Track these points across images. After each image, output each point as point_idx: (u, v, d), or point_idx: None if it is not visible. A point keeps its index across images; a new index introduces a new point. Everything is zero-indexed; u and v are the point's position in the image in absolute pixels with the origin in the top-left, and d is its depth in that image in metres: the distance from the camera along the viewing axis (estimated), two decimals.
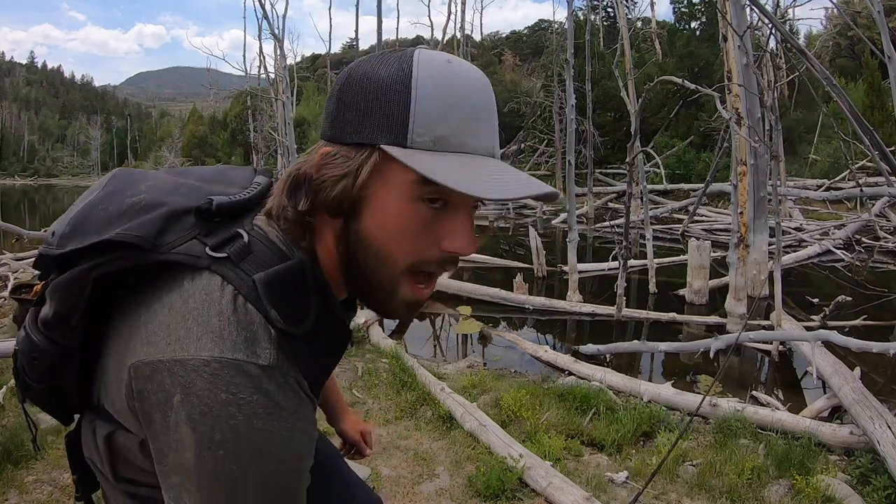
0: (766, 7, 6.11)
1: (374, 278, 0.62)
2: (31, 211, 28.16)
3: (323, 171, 0.59)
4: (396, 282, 0.61)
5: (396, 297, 0.63)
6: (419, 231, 0.59)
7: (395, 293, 0.62)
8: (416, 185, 0.57)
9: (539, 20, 34.76)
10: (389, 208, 0.58)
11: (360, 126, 0.58)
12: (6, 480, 2.65)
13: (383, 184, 0.58)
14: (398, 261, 0.60)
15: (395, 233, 0.59)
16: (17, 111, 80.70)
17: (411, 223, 0.59)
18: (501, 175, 0.58)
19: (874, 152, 4.05)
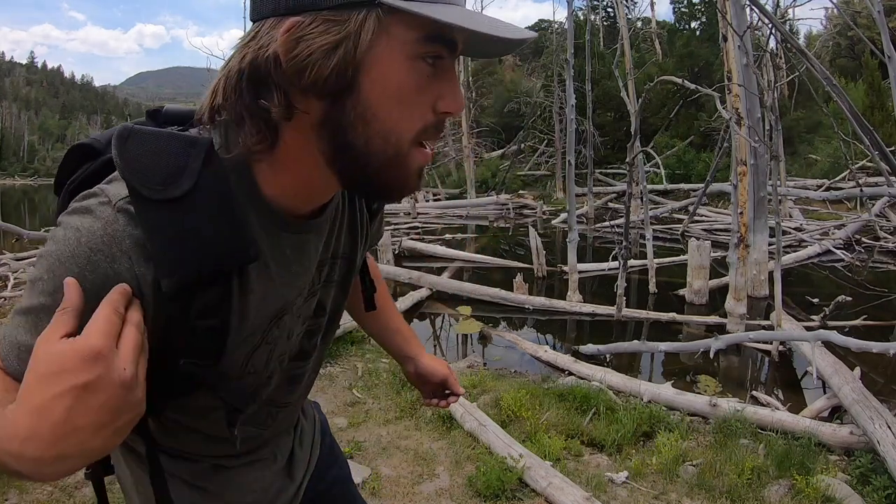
0: (766, 7, 6.12)
1: (380, 160, 0.55)
2: (31, 211, 28.15)
3: (302, 47, 0.51)
4: (406, 156, 0.56)
5: (411, 171, 0.58)
6: (420, 94, 0.54)
7: (409, 167, 0.57)
8: (420, 41, 0.52)
9: (539, 20, 34.73)
10: (392, 71, 0.53)
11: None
12: (6, 480, 2.65)
13: (386, 44, 0.52)
14: (404, 133, 0.55)
15: (398, 99, 0.53)
16: (17, 111, 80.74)
17: (415, 86, 0.54)
18: (490, 19, 0.53)
19: (874, 152, 4.06)
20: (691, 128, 19.35)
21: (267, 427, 0.84)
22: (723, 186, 11.52)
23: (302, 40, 0.51)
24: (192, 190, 0.54)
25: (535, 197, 18.11)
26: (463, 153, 20.61)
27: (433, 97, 0.55)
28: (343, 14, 0.51)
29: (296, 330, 0.76)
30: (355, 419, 3.44)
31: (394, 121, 0.54)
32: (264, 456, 0.87)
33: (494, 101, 26.11)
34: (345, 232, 0.76)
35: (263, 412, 0.81)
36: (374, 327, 1.10)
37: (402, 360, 1.10)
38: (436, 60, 0.54)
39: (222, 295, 0.58)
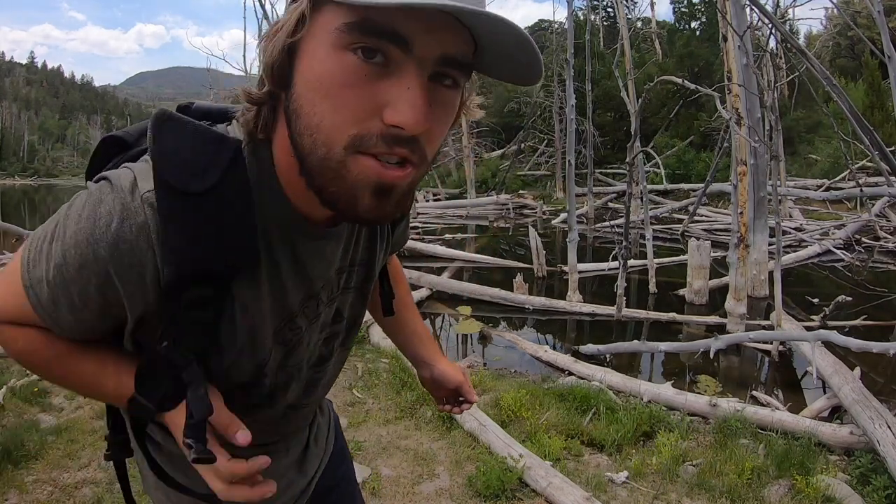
0: (766, 7, 6.12)
1: (316, 161, 0.51)
2: (31, 211, 28.15)
3: (270, 37, 0.52)
4: (342, 162, 0.50)
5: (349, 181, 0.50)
6: (351, 94, 0.48)
7: (346, 176, 0.50)
8: (345, 30, 0.47)
9: (539, 20, 34.68)
10: (316, 60, 0.49)
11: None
12: (6, 480, 2.65)
13: (311, 35, 0.49)
14: (332, 134, 0.49)
15: (321, 93, 0.48)
16: (17, 111, 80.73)
17: (340, 80, 0.48)
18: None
19: (874, 152, 4.06)
20: (691, 128, 19.36)
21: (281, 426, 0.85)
22: (723, 186, 11.52)
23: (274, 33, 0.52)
24: (212, 188, 0.55)
25: (535, 197, 18.12)
26: (463, 153, 20.61)
27: (376, 102, 0.48)
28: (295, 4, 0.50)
29: (314, 338, 0.76)
30: (355, 419, 3.44)
31: (318, 116, 0.49)
32: (277, 449, 0.87)
33: (494, 101, 26.11)
34: (364, 240, 0.76)
35: (279, 413, 0.81)
36: (393, 328, 1.10)
37: (418, 364, 1.09)
38: (373, 52, 0.47)
39: (218, 292, 0.59)
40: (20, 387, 3.61)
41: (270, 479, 0.69)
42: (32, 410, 3.44)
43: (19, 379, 3.69)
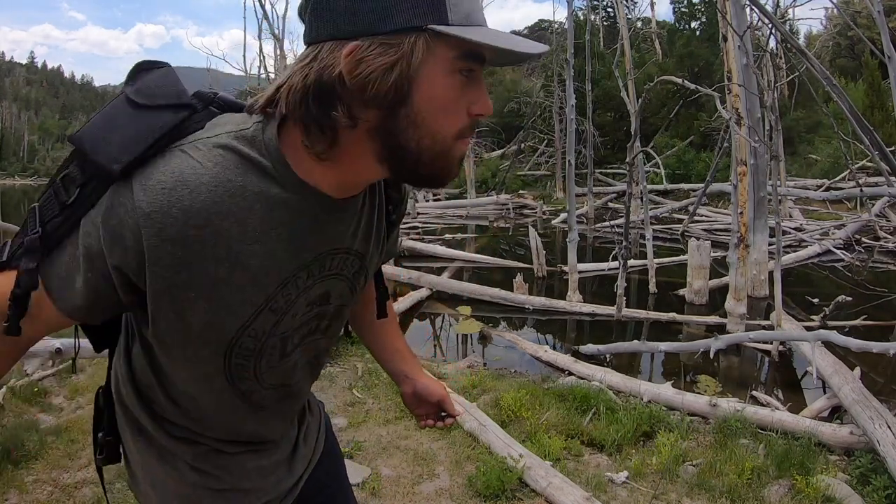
0: (766, 7, 6.12)
1: (429, 155, 0.65)
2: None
3: (363, 66, 0.60)
4: (451, 149, 0.67)
5: (454, 161, 0.68)
6: (458, 102, 0.65)
7: (453, 158, 0.68)
8: (457, 58, 0.62)
9: (539, 20, 34.73)
10: (437, 85, 0.62)
11: (394, 14, 0.60)
12: (6, 480, 2.65)
13: (432, 62, 0.61)
14: (447, 134, 0.65)
15: (442, 108, 0.64)
16: (17, 111, 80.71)
17: (454, 96, 0.64)
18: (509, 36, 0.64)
19: (874, 152, 4.06)
20: (691, 128, 19.35)
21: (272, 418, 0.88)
22: (723, 186, 11.52)
23: (363, 61, 0.60)
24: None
25: (535, 197, 18.12)
26: None
27: (467, 102, 0.65)
28: (397, 38, 0.60)
29: (300, 311, 0.78)
30: (355, 419, 3.44)
31: (439, 125, 0.64)
32: (266, 447, 0.90)
33: (494, 101, 25.09)
34: (361, 230, 0.80)
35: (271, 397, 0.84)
36: (376, 344, 1.13)
37: (399, 380, 1.13)
38: (469, 73, 0.64)
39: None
40: (20, 387, 3.61)
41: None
42: (32, 410, 3.44)
43: (19, 379, 3.69)
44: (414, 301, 6.66)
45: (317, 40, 0.62)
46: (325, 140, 0.64)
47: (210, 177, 0.62)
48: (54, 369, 4.05)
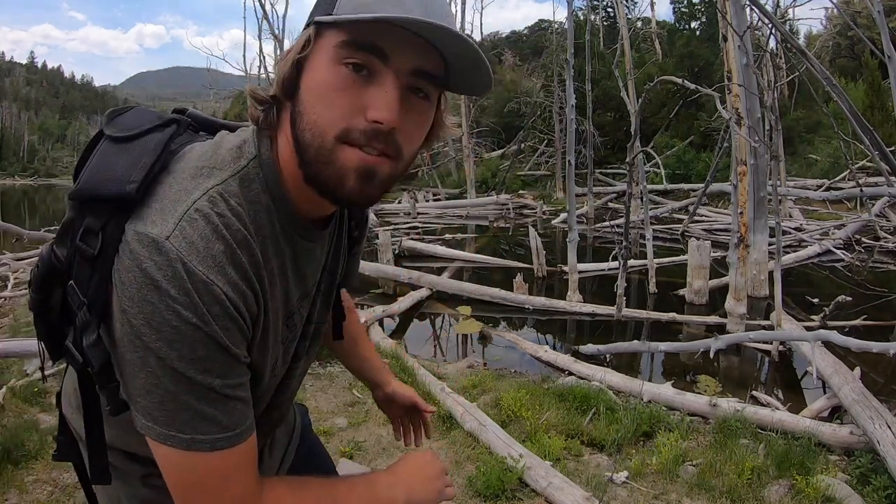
0: (766, 7, 6.12)
1: (312, 152, 0.61)
2: (31, 211, 28.14)
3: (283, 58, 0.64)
4: (332, 151, 0.61)
5: (337, 166, 0.61)
6: (342, 96, 0.60)
7: (335, 161, 0.61)
8: (339, 47, 0.59)
9: (539, 20, 34.75)
10: (317, 72, 0.61)
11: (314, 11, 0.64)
12: (6, 480, 2.65)
13: (315, 53, 0.61)
14: (325, 128, 0.60)
15: (320, 96, 0.60)
16: (17, 111, 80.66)
17: (334, 85, 0.60)
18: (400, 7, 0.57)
19: (874, 152, 4.06)
20: (691, 128, 19.34)
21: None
22: (723, 186, 11.52)
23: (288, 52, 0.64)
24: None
25: (535, 197, 18.10)
26: (463, 153, 20.60)
27: (361, 104, 0.60)
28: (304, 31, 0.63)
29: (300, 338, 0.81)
30: (355, 419, 3.44)
31: (317, 115, 0.60)
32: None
33: (494, 101, 26.08)
34: (333, 250, 0.84)
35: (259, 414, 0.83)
36: (347, 356, 1.21)
37: (372, 386, 1.22)
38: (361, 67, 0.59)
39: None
40: (20, 387, 3.61)
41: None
42: (32, 410, 3.44)
43: (19, 379, 3.70)
44: (414, 301, 6.66)
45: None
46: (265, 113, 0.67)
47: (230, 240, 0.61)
48: (54, 369, 4.05)
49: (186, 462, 0.61)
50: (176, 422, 0.59)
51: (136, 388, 0.59)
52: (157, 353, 0.57)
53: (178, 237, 0.57)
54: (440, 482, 0.84)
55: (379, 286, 7.69)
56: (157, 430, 0.60)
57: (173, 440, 0.60)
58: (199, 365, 0.58)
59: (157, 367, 0.58)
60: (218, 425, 0.61)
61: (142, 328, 0.57)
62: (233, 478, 0.63)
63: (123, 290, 0.57)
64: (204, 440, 0.60)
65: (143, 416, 0.60)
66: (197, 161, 0.65)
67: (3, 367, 3.99)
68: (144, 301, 0.56)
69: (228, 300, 0.59)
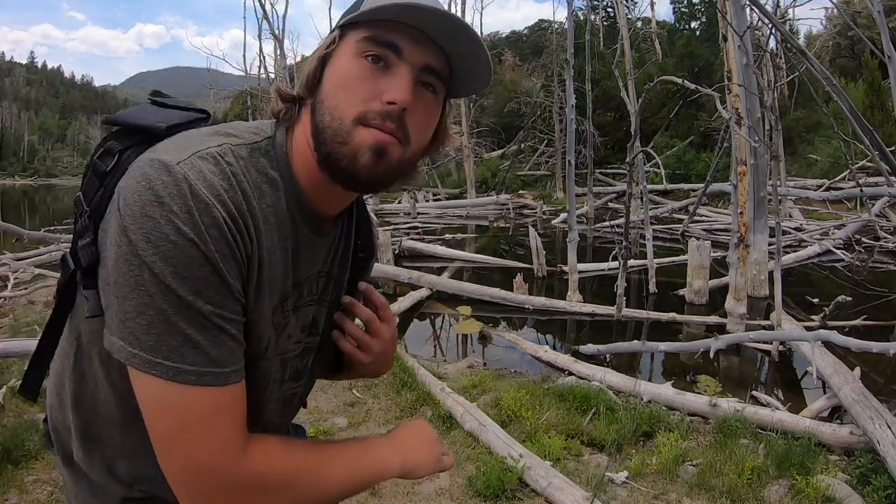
0: (766, 7, 6.12)
1: (331, 133, 0.67)
2: (31, 211, 28.17)
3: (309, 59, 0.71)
4: (349, 132, 0.66)
5: (353, 145, 0.66)
6: (362, 83, 0.66)
7: (351, 141, 0.66)
8: (360, 42, 0.67)
9: (539, 20, 34.77)
10: (340, 66, 0.68)
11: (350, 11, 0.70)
12: (6, 480, 2.65)
13: (338, 50, 0.69)
14: (345, 111, 0.66)
15: (341, 85, 0.67)
16: (17, 111, 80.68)
17: (355, 75, 0.67)
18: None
19: (874, 152, 4.06)
20: (691, 128, 19.36)
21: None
22: (723, 186, 11.53)
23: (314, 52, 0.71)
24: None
25: (535, 197, 18.11)
26: (463, 153, 20.61)
27: (378, 90, 0.66)
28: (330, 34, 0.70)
29: (294, 334, 0.78)
30: (355, 419, 3.44)
31: (338, 99, 0.67)
32: None
33: (494, 101, 26.10)
34: (339, 257, 0.83)
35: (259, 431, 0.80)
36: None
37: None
38: (379, 59, 0.66)
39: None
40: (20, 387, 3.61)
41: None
42: (32, 410, 3.44)
43: (19, 379, 3.69)
44: (414, 301, 6.67)
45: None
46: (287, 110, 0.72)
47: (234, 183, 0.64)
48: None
49: (170, 395, 0.59)
50: (163, 348, 0.58)
51: (125, 311, 0.59)
52: (151, 267, 0.57)
53: (188, 164, 0.60)
54: (437, 448, 0.83)
55: (379, 286, 7.70)
56: (142, 357, 0.58)
57: (158, 368, 0.58)
58: (193, 285, 0.58)
59: (150, 284, 0.57)
60: (206, 357, 0.60)
61: (140, 243, 0.57)
62: (218, 421, 0.61)
63: (126, 208, 0.59)
64: (190, 371, 0.59)
65: (128, 343, 0.59)
66: (216, 127, 0.71)
67: (3, 367, 3.99)
68: (146, 216, 0.58)
69: (227, 227, 0.61)
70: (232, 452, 0.62)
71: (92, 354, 0.70)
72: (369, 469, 0.74)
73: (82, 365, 0.72)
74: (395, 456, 0.78)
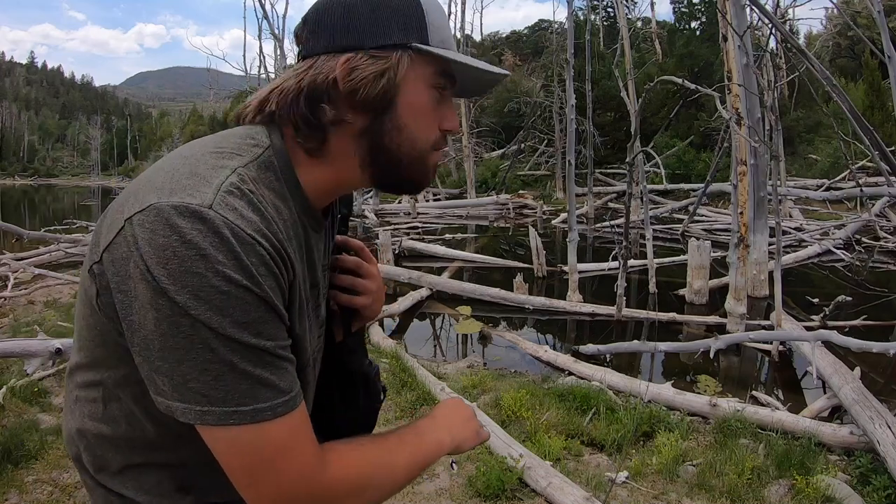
0: (766, 7, 6.11)
1: (409, 159, 0.72)
2: (31, 211, 28.17)
3: (356, 73, 0.67)
4: (426, 156, 0.74)
5: (429, 167, 0.75)
6: (433, 113, 0.72)
7: (426, 163, 0.75)
8: (436, 74, 0.71)
9: (539, 20, 34.79)
10: (417, 95, 0.70)
11: (385, 31, 0.68)
12: (6, 480, 2.65)
13: (414, 75, 0.70)
14: (425, 139, 0.73)
15: (421, 115, 0.71)
16: (17, 111, 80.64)
17: (430, 106, 0.72)
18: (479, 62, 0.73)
19: (874, 152, 4.06)
20: (691, 128, 19.34)
21: None
22: (723, 186, 11.52)
23: (356, 69, 0.67)
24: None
25: (535, 197, 18.11)
26: (463, 153, 20.61)
27: (440, 118, 0.73)
28: (385, 52, 0.68)
29: (315, 331, 0.79)
30: None
31: (420, 131, 0.72)
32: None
33: (494, 101, 26.08)
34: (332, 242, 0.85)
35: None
36: None
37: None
38: (442, 90, 0.72)
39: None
40: (20, 387, 3.61)
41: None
42: (32, 410, 3.45)
43: (19, 379, 3.70)
44: (414, 301, 6.66)
45: (312, 53, 0.69)
46: (315, 138, 0.69)
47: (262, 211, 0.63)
48: (54, 369, 4.06)
49: (247, 437, 0.59)
50: (235, 395, 0.58)
51: (182, 374, 0.57)
52: (208, 324, 0.56)
53: (220, 205, 0.58)
54: (475, 423, 0.87)
55: None
56: (214, 413, 0.58)
57: (236, 416, 0.58)
58: (253, 328, 0.58)
59: (209, 340, 0.56)
60: (275, 389, 0.60)
61: (188, 303, 0.55)
62: (297, 444, 0.63)
63: (158, 269, 0.56)
64: (265, 408, 0.59)
65: (195, 404, 0.58)
66: (210, 146, 0.67)
67: (3, 367, 3.99)
68: (188, 274, 0.55)
69: (272, 260, 0.60)
70: (314, 468, 0.64)
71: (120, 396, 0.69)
72: (427, 450, 0.78)
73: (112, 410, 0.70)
74: (445, 434, 0.81)
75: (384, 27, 0.68)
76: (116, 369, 0.67)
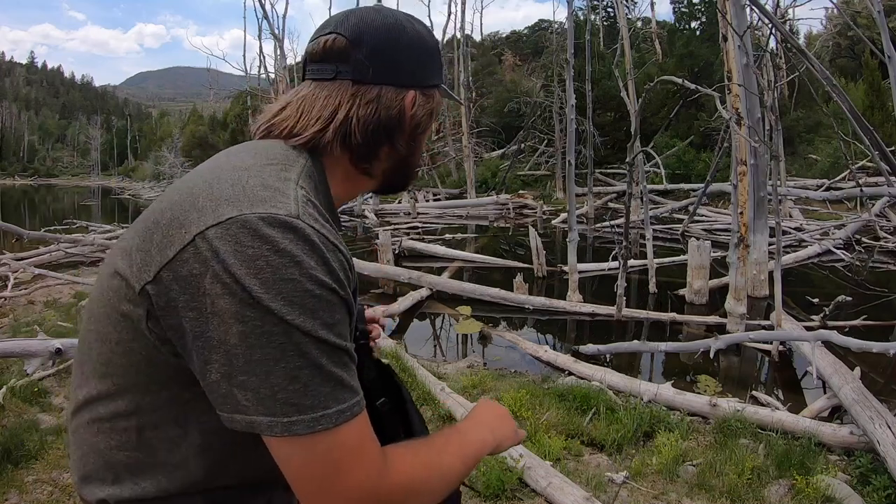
0: (766, 7, 6.12)
1: (413, 169, 0.86)
2: (31, 211, 28.17)
3: (418, 110, 0.80)
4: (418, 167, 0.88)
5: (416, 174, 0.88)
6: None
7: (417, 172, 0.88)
8: (438, 108, 0.83)
9: (539, 20, 34.81)
10: (428, 124, 0.83)
11: (430, 74, 0.81)
12: (6, 480, 2.65)
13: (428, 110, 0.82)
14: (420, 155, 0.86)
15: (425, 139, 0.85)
16: (17, 111, 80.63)
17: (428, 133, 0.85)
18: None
19: (874, 152, 4.07)
20: (691, 128, 19.33)
21: None
22: (723, 186, 11.52)
23: (419, 107, 0.79)
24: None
25: (535, 197, 18.11)
26: (463, 153, 20.60)
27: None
28: (429, 91, 0.82)
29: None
30: None
31: (420, 150, 0.85)
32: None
33: (494, 101, 26.08)
34: None
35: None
36: None
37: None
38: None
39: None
40: (20, 387, 3.61)
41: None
42: (32, 410, 3.45)
43: (19, 379, 3.69)
44: (414, 301, 6.67)
45: (379, 81, 0.76)
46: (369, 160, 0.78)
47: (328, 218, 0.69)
48: (54, 369, 4.06)
49: (326, 443, 0.59)
50: (321, 398, 0.58)
51: (271, 385, 0.57)
52: (301, 328, 0.57)
53: (304, 214, 0.62)
54: (512, 422, 0.90)
55: (379, 286, 7.70)
56: (304, 421, 0.58)
57: (323, 420, 0.58)
58: (337, 329, 0.61)
59: (302, 344, 0.57)
60: (351, 390, 0.61)
61: (282, 309, 0.57)
62: (366, 444, 0.63)
63: (250, 279, 0.57)
64: (345, 409, 0.60)
65: (283, 416, 0.57)
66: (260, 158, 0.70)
67: (3, 367, 3.99)
68: (282, 281, 0.57)
69: (347, 264, 0.65)
70: (380, 469, 0.64)
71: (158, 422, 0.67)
72: (472, 450, 0.79)
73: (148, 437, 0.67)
74: (487, 433, 0.83)
75: (430, 69, 0.81)
76: (158, 394, 0.66)
